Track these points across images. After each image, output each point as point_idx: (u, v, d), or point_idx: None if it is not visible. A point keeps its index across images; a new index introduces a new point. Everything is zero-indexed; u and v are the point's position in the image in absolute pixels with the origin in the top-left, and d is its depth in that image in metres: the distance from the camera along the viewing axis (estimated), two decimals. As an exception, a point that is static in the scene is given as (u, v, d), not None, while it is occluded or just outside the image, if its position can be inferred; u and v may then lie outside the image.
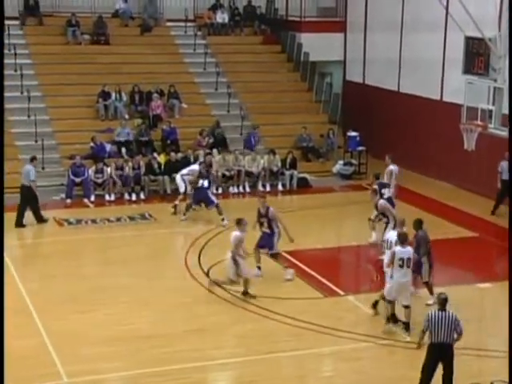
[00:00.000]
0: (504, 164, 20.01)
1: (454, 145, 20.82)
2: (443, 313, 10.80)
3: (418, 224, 14.35)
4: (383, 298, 13.55)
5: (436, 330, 10.73)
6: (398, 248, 13.05)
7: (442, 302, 10.84)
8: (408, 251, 13.06)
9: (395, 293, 13.19)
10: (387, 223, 16.32)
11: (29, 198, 19.00)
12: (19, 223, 18.85)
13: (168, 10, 27.67)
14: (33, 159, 19.54)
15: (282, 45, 28.33)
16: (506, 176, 19.96)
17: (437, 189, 22.94)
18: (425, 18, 23.89)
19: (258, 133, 24.37)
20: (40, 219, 19.15)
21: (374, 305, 13.95)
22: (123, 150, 23.01)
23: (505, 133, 17.02)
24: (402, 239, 13.13)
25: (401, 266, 12.97)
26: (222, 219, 19.03)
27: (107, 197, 21.63)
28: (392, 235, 13.85)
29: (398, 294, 13.20)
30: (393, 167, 18.90)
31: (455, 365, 11.00)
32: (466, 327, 11.36)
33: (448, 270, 16.26)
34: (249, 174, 23.06)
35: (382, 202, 16.43)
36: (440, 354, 10.84)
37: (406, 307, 13.20)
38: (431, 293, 14.25)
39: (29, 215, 19.02)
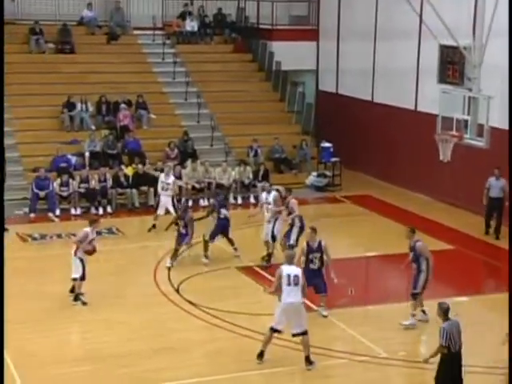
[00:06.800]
0: (492, 180, 19.52)
1: (429, 155, 20.56)
2: (451, 321, 10.88)
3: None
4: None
5: (454, 339, 10.80)
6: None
7: (446, 312, 10.88)
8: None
9: None
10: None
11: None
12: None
13: (135, 18, 27.32)
14: None
15: (253, 53, 28.09)
16: (494, 193, 19.49)
17: (411, 200, 22.77)
18: (398, 26, 23.78)
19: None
20: None
21: None
22: (87, 161, 22.47)
23: (481, 143, 16.78)
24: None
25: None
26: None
27: (73, 211, 21.12)
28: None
29: None
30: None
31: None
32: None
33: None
34: (219, 186, 22.57)
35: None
36: (459, 362, 10.94)
37: None
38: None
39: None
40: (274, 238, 17.21)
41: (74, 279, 14.94)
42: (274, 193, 17.55)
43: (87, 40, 26.59)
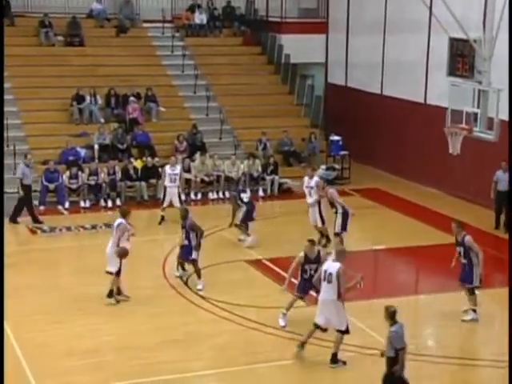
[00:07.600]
0: (500, 173, 19.40)
1: (438, 149, 20.46)
2: (399, 324, 10.49)
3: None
4: None
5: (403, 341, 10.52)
6: None
7: (393, 315, 10.50)
8: None
9: None
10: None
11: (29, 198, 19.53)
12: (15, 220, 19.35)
13: (144, 11, 27.32)
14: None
15: (263, 46, 28.00)
16: (502, 187, 19.38)
17: (420, 193, 22.68)
18: (408, 19, 23.67)
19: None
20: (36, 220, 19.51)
21: None
22: (96, 154, 22.42)
23: (490, 136, 16.66)
24: None
25: None
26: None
27: (82, 203, 21.14)
28: None
29: None
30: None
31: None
32: (456, 334, 11.10)
33: (434, 277, 15.99)
34: (228, 179, 22.54)
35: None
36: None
37: None
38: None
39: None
40: (323, 220, 17.70)
41: (110, 273, 14.59)
42: (316, 178, 18.13)
43: (96, 33, 26.53)
